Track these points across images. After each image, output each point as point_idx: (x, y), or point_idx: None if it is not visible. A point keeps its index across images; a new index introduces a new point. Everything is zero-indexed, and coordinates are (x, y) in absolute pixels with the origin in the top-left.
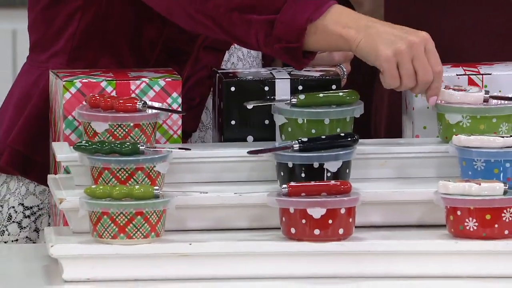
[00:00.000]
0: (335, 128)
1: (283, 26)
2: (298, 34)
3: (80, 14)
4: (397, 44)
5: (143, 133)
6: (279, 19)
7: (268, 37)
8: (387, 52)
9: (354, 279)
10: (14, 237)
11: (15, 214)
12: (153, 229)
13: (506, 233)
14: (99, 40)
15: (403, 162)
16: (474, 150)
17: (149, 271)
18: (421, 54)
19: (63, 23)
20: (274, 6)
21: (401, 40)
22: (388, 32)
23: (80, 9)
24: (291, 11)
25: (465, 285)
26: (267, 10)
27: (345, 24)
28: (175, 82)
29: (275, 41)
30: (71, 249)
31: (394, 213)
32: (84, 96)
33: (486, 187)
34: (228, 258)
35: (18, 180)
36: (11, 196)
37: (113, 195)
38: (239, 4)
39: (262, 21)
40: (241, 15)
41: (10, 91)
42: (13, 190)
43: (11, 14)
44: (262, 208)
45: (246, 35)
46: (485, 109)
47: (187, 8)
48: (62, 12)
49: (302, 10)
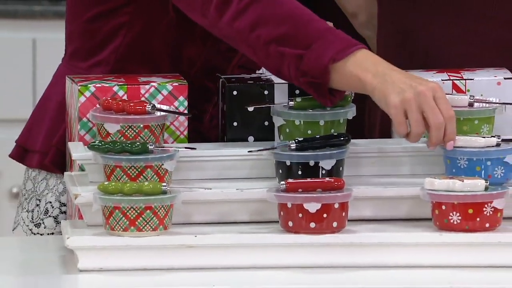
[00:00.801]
0: (329, 129)
1: (310, 62)
2: (321, 71)
3: (126, 30)
4: (406, 93)
5: (152, 134)
6: (307, 54)
7: (297, 71)
8: (395, 100)
9: (347, 268)
10: (50, 231)
11: (51, 209)
12: (161, 223)
13: (487, 226)
14: (141, 55)
15: (392, 160)
16: (458, 149)
17: (157, 261)
18: (429, 101)
19: (108, 36)
20: (306, 41)
21: (410, 89)
22: (401, 81)
23: (126, 25)
24: (320, 48)
25: (450, 274)
26: (300, 45)
27: (365, 68)
28: (181, 87)
29: (302, 74)
30: (85, 240)
31: (384, 208)
32: (98, 99)
33: (469, 184)
34: (231, 249)
35: (57, 177)
36: (49, 192)
37: (124, 191)
38: (276, 37)
39: (293, 55)
40: (277, 47)
41: (47, 93)
42: (51, 186)
43: (31, 25)
44: (262, 203)
45: (280, 66)
46: (468, 111)
47: (236, 38)
48: (106, 26)
49: (329, 48)
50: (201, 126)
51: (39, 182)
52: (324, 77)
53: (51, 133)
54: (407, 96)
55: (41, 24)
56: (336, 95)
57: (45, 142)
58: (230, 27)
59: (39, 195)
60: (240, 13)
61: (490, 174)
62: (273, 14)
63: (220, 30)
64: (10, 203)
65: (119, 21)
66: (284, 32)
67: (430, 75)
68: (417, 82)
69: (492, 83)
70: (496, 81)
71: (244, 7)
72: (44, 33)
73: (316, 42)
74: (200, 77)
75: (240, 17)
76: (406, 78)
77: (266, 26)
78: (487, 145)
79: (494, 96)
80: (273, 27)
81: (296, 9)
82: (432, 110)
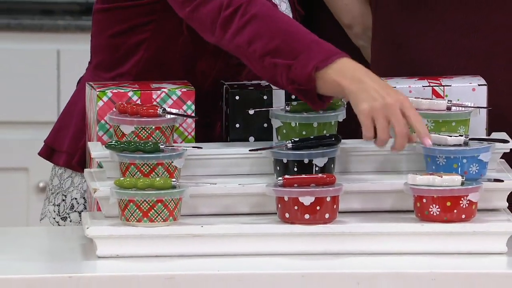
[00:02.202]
0: (322, 130)
1: (296, 71)
2: (306, 79)
3: (146, 45)
4: (375, 102)
5: (163, 134)
6: (295, 64)
7: (287, 80)
8: (364, 107)
9: (338, 255)
10: (75, 224)
11: (77, 204)
12: (171, 214)
13: (463, 217)
14: (160, 67)
15: (378, 158)
16: (437, 148)
17: (167, 249)
18: (396, 112)
19: (130, 50)
20: (295, 53)
21: (380, 99)
22: (374, 89)
23: (146, 41)
24: (306, 58)
25: (430, 260)
26: (290, 56)
27: (344, 74)
28: (189, 92)
29: (291, 82)
30: (103, 230)
31: (371, 201)
32: (114, 103)
33: (447, 179)
34: (233, 238)
35: (81, 176)
36: (74, 189)
37: (138, 186)
38: (270, 50)
39: (284, 65)
40: (271, 59)
41: (73, 99)
42: (76, 184)
43: (55, 37)
44: (262, 196)
45: (274, 76)
46: (446, 114)
47: (237, 52)
48: (129, 41)
49: (313, 58)
50: (213, 132)
51: (65, 179)
52: (309, 84)
53: (78, 136)
54: (376, 105)
55: (64, 37)
56: (324, 100)
57: (71, 144)
58: (232, 43)
59: (65, 191)
60: (240, 29)
61: (466, 170)
62: (267, 30)
63: (224, 46)
64: (37, 197)
65: (141, 38)
66: (276, 45)
67: (412, 82)
68: (387, 93)
69: (468, 89)
70: (471, 87)
71: (243, 24)
72: (67, 45)
73: (302, 53)
74: (213, 89)
75: (239, 33)
76: (379, 88)
77: (261, 40)
78: (455, 143)
79: (469, 100)
80: (267, 41)
81: (287, 24)
82: (398, 121)
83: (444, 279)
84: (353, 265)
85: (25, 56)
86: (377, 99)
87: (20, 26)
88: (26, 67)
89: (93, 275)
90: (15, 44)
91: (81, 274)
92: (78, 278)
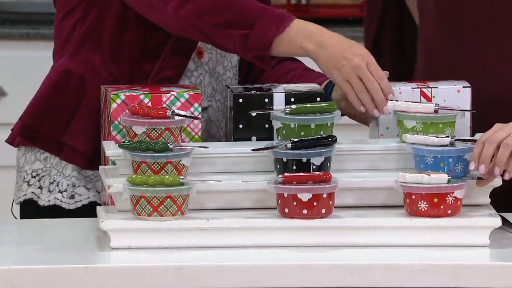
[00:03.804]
0: (319, 131)
1: (255, 39)
2: (266, 45)
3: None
4: (343, 67)
5: (172, 135)
6: (252, 34)
7: (244, 47)
8: (337, 75)
9: (334, 247)
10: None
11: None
12: (179, 209)
13: (449, 212)
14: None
15: (371, 157)
16: (425, 148)
17: (176, 241)
18: (364, 70)
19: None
20: (249, 23)
21: (347, 62)
22: (339, 54)
23: (81, 19)
24: (262, 26)
25: (419, 252)
26: (244, 26)
27: (303, 38)
28: (196, 95)
29: (249, 50)
30: (116, 223)
31: (365, 197)
32: (127, 105)
33: (434, 177)
34: (237, 231)
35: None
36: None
37: (149, 182)
38: (222, 22)
39: (239, 35)
40: (224, 31)
41: (55, 83)
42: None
43: None
44: (263, 193)
45: (227, 44)
46: (434, 116)
47: (183, 25)
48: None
49: (270, 25)
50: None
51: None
52: (268, 50)
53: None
54: (346, 70)
55: None
56: (274, 59)
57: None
58: (176, 17)
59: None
60: (182, 3)
61: (452, 169)
62: (214, 5)
63: (166, 19)
64: None
65: (77, 17)
66: (227, 19)
67: (402, 84)
68: (351, 53)
69: (453, 91)
70: (456, 89)
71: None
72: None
73: (257, 21)
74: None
75: (183, 6)
76: (342, 50)
77: (210, 15)
78: (440, 143)
79: (455, 101)
80: (217, 16)
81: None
82: (368, 79)
83: (431, 270)
84: (347, 257)
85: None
86: (345, 64)
87: (39, 35)
88: (45, 75)
89: (107, 266)
90: (34, 52)
91: (96, 264)
92: (94, 268)
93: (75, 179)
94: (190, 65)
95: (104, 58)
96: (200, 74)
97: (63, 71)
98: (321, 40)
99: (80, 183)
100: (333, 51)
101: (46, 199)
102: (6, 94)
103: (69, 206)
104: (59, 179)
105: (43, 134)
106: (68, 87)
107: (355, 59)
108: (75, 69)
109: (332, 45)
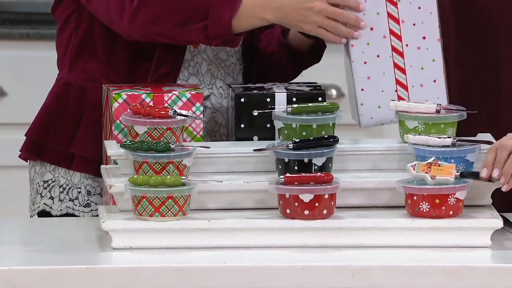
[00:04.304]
0: (321, 131)
1: (214, 28)
2: (226, 30)
3: (74, 34)
4: (309, 18)
5: (173, 135)
6: (209, 23)
7: (206, 38)
8: (308, 27)
9: (335, 248)
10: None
11: (44, 190)
12: (181, 209)
13: (451, 213)
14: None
15: (372, 157)
16: (427, 149)
17: (177, 242)
18: (328, 9)
19: (67, 43)
20: (203, 13)
21: (309, 11)
22: (297, 8)
23: (74, 30)
24: (216, 14)
25: (421, 253)
26: (199, 19)
27: (259, 9)
28: (198, 95)
29: (213, 39)
30: (118, 224)
31: (366, 197)
32: (129, 105)
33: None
34: (238, 232)
35: (41, 162)
36: (38, 176)
37: (150, 183)
38: (177, 21)
39: (198, 28)
40: (182, 28)
41: (58, 96)
42: (37, 171)
43: None
44: (265, 193)
45: (190, 39)
46: (435, 117)
47: (142, 33)
48: (65, 34)
49: (223, 10)
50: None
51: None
52: (230, 32)
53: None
54: (313, 18)
55: None
56: (240, 36)
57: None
58: (133, 28)
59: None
60: (134, 14)
61: None
62: (164, 7)
63: (126, 31)
64: None
65: (71, 28)
66: (181, 17)
67: None
68: (308, 2)
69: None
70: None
71: (135, 9)
72: None
73: (210, 9)
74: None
75: (136, 17)
76: (298, 3)
77: (163, 18)
78: (442, 144)
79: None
80: (170, 16)
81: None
82: (336, 14)
83: (433, 271)
84: (349, 258)
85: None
86: (308, 14)
87: (39, 35)
88: (45, 75)
89: (109, 266)
90: (34, 52)
91: (97, 265)
92: (95, 269)
93: (90, 187)
94: (186, 55)
95: (101, 65)
96: (196, 63)
97: (64, 84)
98: (275, 5)
99: (96, 191)
100: (291, 8)
101: (58, 208)
102: (6, 94)
103: (84, 215)
104: (68, 188)
105: (48, 148)
106: (69, 99)
107: (315, 5)
108: (75, 81)
109: (288, 4)
